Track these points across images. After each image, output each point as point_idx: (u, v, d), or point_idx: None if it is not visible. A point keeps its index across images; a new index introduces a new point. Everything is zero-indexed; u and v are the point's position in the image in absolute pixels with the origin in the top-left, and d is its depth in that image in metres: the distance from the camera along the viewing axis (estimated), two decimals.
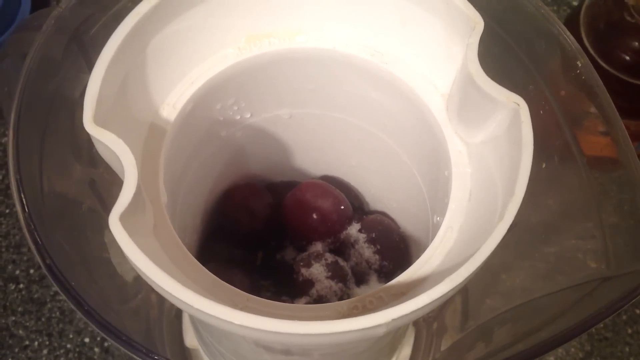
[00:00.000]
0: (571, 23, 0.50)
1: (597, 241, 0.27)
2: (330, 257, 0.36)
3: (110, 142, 0.25)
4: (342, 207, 0.38)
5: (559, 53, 0.28)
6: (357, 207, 0.41)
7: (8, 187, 0.54)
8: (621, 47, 0.48)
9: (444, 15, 0.29)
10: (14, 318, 0.49)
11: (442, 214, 0.29)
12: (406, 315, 0.23)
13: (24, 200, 0.24)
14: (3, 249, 0.51)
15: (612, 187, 0.28)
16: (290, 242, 0.39)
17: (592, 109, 0.29)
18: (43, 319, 0.49)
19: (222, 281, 0.27)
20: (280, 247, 0.39)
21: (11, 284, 0.50)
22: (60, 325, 0.49)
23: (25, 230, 0.24)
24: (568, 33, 0.28)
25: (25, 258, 0.51)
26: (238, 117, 0.34)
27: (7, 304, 0.50)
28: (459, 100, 0.29)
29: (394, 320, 0.23)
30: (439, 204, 0.31)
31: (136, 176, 0.24)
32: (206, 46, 0.30)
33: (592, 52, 0.49)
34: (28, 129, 0.27)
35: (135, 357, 0.24)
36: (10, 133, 0.27)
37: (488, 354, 0.31)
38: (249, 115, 0.35)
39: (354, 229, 0.38)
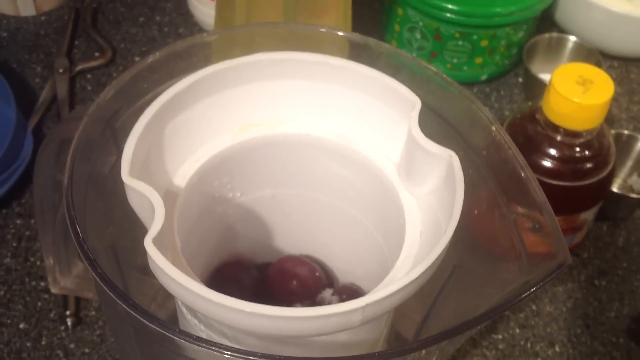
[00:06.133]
0: None
1: (521, 264, 0.35)
2: None
3: (141, 188, 0.33)
4: (317, 274, 0.45)
5: (478, 123, 0.37)
6: (329, 283, 0.48)
7: (10, 300, 0.59)
8: (540, 155, 0.57)
9: (391, 101, 0.38)
10: None
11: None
12: (379, 300, 0.30)
13: (89, 253, 0.32)
14: (5, 355, 0.56)
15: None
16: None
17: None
18: None
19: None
20: None
21: None
22: None
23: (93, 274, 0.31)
24: (484, 108, 0.37)
25: None
26: (230, 195, 0.42)
27: None
28: (407, 164, 0.38)
29: (368, 305, 0.30)
30: (397, 250, 0.38)
31: (163, 211, 0.32)
32: (209, 131, 0.39)
33: None
34: (76, 194, 0.34)
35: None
36: (65, 201, 0.34)
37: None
38: (239, 194, 0.42)
39: (327, 293, 0.45)
